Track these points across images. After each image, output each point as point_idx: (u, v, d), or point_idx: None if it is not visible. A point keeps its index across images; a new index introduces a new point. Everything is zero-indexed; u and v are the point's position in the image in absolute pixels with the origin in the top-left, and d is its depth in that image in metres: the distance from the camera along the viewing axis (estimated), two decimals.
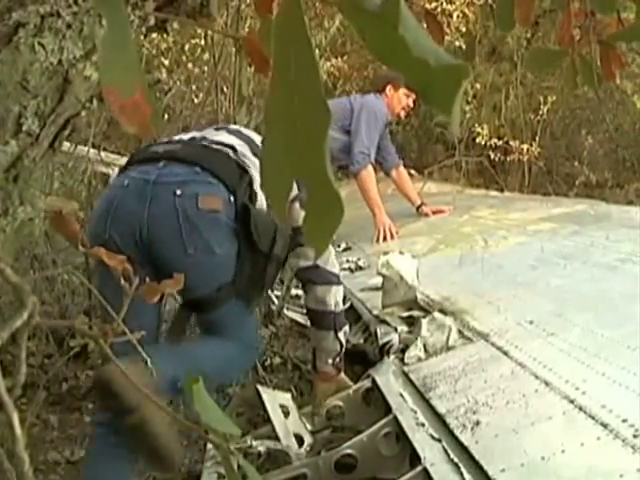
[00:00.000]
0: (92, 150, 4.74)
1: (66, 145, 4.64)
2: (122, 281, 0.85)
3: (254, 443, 2.56)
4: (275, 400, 2.78)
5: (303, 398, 3.37)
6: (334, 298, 2.75)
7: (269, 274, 2.57)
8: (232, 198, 2.41)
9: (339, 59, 8.18)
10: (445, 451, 2.02)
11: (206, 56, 5.59)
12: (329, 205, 0.45)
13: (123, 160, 5.62)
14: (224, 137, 2.65)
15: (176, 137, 2.73)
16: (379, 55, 0.47)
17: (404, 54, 0.44)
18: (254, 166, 2.54)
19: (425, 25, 1.85)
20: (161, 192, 2.36)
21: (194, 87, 5.74)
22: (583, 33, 1.80)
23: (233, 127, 2.82)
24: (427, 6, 7.16)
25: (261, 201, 2.51)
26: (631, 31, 1.78)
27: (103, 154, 4.96)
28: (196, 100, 5.12)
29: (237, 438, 2.33)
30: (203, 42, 5.68)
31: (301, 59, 0.45)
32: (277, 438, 2.63)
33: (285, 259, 2.67)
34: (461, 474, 1.88)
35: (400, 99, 5.40)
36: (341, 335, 2.83)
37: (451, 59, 0.47)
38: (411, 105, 5.48)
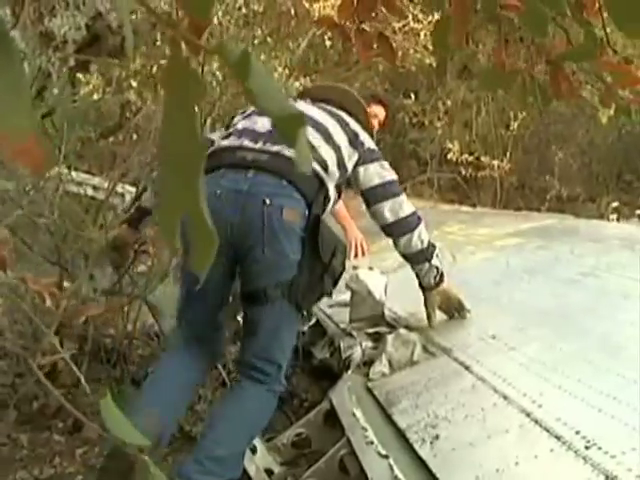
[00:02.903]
0: (64, 170, 4.72)
1: None
2: (48, 302, 0.88)
3: None
4: None
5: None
6: (418, 239, 3.03)
7: (325, 285, 2.78)
8: (307, 212, 2.70)
9: (308, 78, 8.17)
10: (391, 468, 2.05)
11: None
12: (204, 236, 0.48)
13: (95, 180, 5.64)
14: None
15: (257, 130, 2.90)
16: (248, 99, 0.52)
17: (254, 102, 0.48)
18: (327, 153, 2.87)
19: (377, 46, 1.90)
20: (252, 200, 2.64)
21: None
22: (533, 54, 1.86)
23: (305, 111, 2.91)
24: (395, 25, 7.23)
25: (331, 204, 2.91)
26: (578, 51, 1.83)
27: (74, 174, 4.95)
28: None
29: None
30: None
31: (181, 104, 0.48)
32: (247, 475, 2.65)
33: (339, 277, 2.85)
34: None
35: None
36: (434, 261, 3.10)
37: (292, 109, 0.51)
38: (375, 126, 5.46)
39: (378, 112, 5.44)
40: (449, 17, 1.34)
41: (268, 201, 2.64)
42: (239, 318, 3.88)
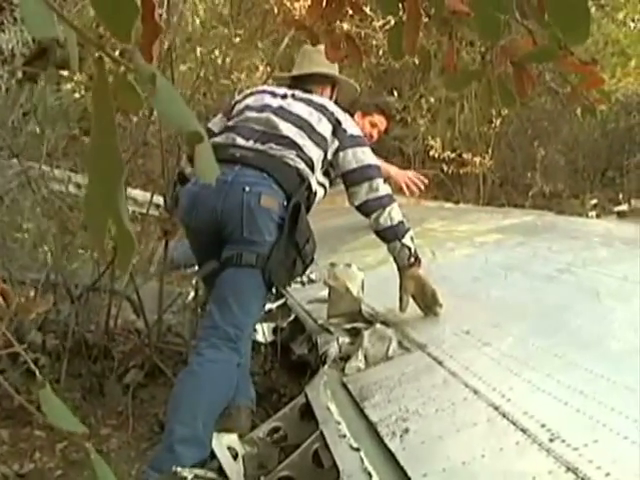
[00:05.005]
0: (46, 168, 4.73)
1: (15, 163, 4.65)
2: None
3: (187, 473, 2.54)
4: (222, 443, 2.77)
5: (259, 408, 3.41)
6: (388, 216, 3.19)
7: (296, 270, 3.06)
8: (286, 202, 3.00)
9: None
10: (362, 460, 2.09)
11: None
12: (124, 240, 0.52)
13: (78, 177, 5.65)
14: (285, 129, 3.19)
15: (253, 128, 3.23)
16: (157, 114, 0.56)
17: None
18: (312, 150, 3.16)
19: (345, 46, 1.93)
20: (234, 189, 2.97)
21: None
22: (497, 55, 1.89)
23: (292, 110, 3.29)
24: (376, 24, 7.25)
25: (319, 195, 3.26)
26: (541, 52, 1.87)
27: (57, 171, 4.97)
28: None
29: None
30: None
31: (103, 123, 0.53)
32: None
33: (309, 263, 3.13)
34: None
35: (364, 126, 5.37)
36: (405, 241, 3.24)
37: (192, 125, 0.55)
38: (374, 135, 5.45)
39: (379, 122, 5.48)
40: (402, 22, 1.38)
41: (247, 188, 2.96)
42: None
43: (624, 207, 7.49)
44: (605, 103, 2.05)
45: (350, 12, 2.02)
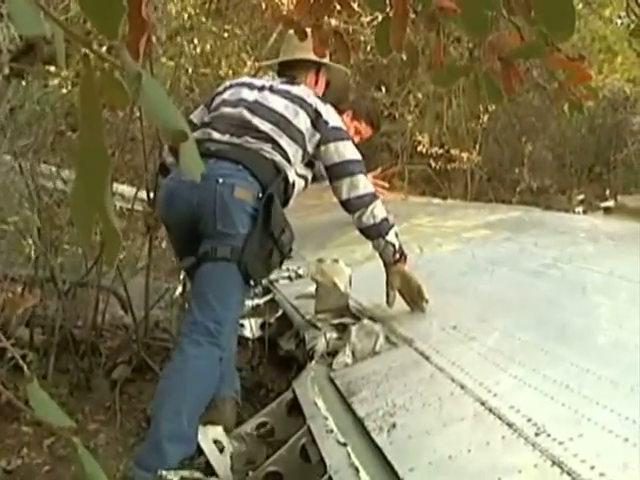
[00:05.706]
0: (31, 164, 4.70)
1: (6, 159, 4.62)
2: None
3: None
4: (208, 437, 2.78)
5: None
6: (371, 215, 3.21)
7: (273, 260, 3.05)
8: (261, 194, 3.00)
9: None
10: (349, 455, 2.09)
11: None
12: (109, 234, 0.53)
13: (65, 173, 5.62)
14: (259, 124, 3.19)
15: (229, 122, 3.23)
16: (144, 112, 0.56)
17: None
18: (289, 145, 3.17)
19: (333, 42, 1.94)
20: (209, 181, 2.94)
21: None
22: (485, 51, 1.90)
23: (267, 104, 3.28)
24: (364, 19, 7.26)
25: (298, 187, 3.28)
26: (528, 48, 1.87)
27: (44, 166, 4.94)
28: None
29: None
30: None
31: (90, 121, 0.53)
32: (215, 474, 2.66)
33: (287, 253, 3.13)
34: (359, 478, 1.96)
35: (349, 128, 5.33)
36: (390, 237, 3.26)
37: (179, 124, 0.56)
38: (355, 141, 5.39)
39: (364, 130, 5.47)
40: (389, 18, 1.39)
41: (221, 180, 2.96)
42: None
43: (610, 203, 7.52)
44: (592, 99, 2.05)
45: (338, 8, 2.03)
